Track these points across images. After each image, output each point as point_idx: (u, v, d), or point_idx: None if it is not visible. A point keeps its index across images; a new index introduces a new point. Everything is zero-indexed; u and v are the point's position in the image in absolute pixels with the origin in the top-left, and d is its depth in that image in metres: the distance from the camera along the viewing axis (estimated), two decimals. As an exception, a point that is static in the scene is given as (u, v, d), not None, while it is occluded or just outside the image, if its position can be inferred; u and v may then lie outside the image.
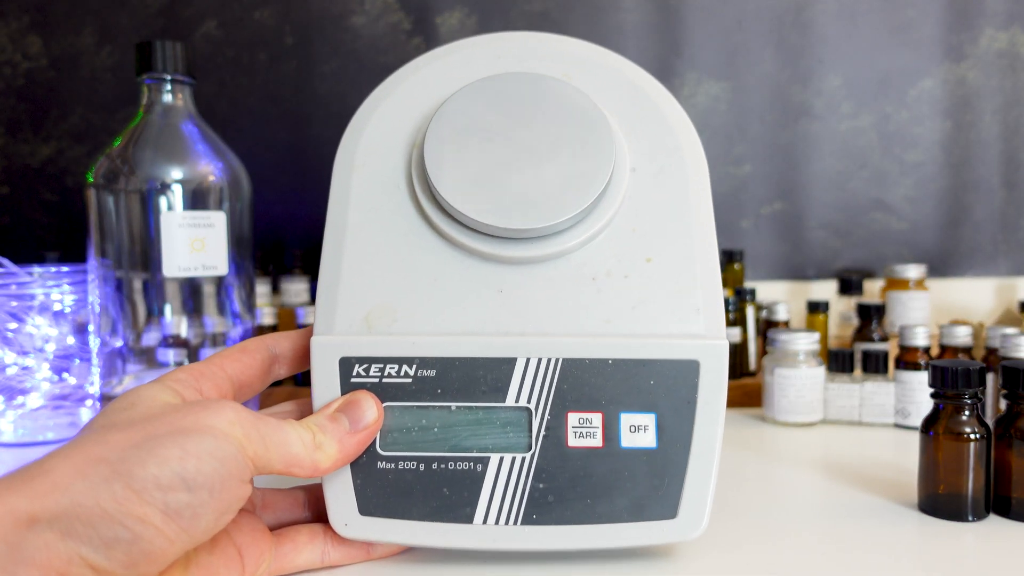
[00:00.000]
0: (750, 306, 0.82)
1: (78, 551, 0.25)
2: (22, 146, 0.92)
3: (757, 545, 0.41)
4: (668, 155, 0.40)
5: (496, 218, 0.35)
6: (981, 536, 0.42)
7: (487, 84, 0.39)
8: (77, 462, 0.27)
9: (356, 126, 0.40)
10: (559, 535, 0.35)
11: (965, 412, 0.44)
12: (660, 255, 0.38)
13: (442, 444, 0.36)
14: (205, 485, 0.28)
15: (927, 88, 0.96)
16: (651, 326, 0.37)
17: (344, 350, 0.36)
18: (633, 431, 0.36)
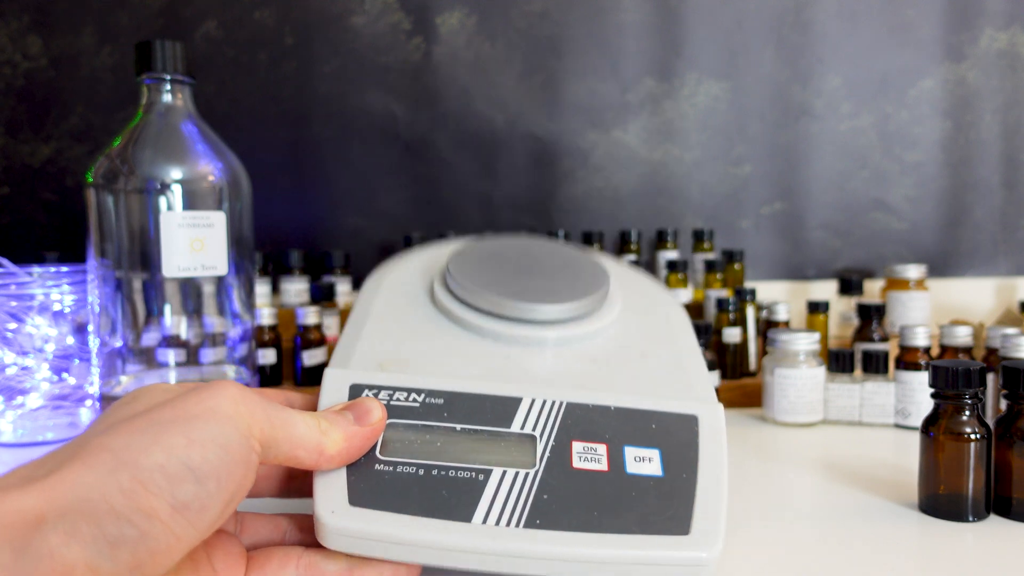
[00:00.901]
0: (750, 306, 0.82)
1: (83, 557, 0.24)
2: (22, 146, 0.92)
3: (757, 545, 0.41)
4: (652, 300, 0.47)
5: (508, 305, 0.40)
6: (982, 537, 0.42)
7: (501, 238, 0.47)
8: (82, 455, 0.26)
9: (382, 271, 0.46)
10: (565, 541, 0.34)
11: (965, 412, 0.44)
12: (653, 353, 0.42)
13: (444, 456, 0.36)
14: (212, 474, 0.27)
15: (927, 88, 0.96)
16: (651, 390, 0.40)
17: (355, 378, 0.38)
18: (638, 461, 0.37)
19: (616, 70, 0.96)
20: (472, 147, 0.96)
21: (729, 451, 0.59)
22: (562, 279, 0.43)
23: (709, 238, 0.92)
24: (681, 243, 0.95)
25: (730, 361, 0.77)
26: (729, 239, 0.97)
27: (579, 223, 0.96)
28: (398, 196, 0.95)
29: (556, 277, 0.44)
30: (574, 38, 0.95)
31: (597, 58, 0.96)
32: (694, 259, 0.91)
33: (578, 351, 0.41)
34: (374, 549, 0.34)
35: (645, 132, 0.96)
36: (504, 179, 0.96)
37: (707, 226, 0.95)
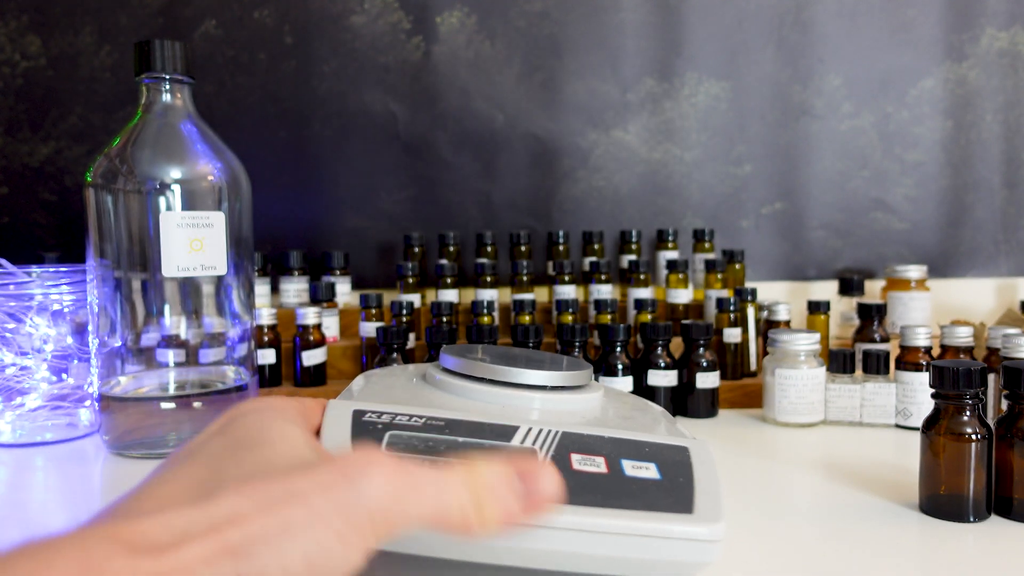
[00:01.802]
0: (750, 306, 0.82)
1: None
2: (21, 146, 0.92)
3: (757, 545, 0.41)
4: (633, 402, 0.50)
5: (501, 371, 0.42)
6: (982, 537, 0.42)
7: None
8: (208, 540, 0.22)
9: (364, 374, 0.48)
10: (571, 513, 0.33)
11: (966, 413, 0.44)
12: (639, 417, 0.44)
13: (447, 455, 0.36)
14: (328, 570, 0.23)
15: (928, 88, 0.96)
16: (642, 433, 0.41)
17: (358, 406, 0.39)
18: (636, 468, 0.37)
19: (616, 70, 0.96)
20: (472, 147, 0.95)
21: (729, 451, 0.59)
22: (549, 361, 0.47)
23: (709, 238, 0.92)
24: (681, 243, 0.95)
25: (730, 361, 0.77)
26: (729, 239, 0.97)
27: (579, 223, 0.96)
28: (398, 196, 0.95)
29: (544, 359, 0.47)
30: (574, 38, 0.95)
31: (597, 58, 0.96)
32: (694, 259, 0.91)
33: (568, 410, 0.43)
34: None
35: (645, 132, 0.96)
36: (504, 179, 0.96)
37: (707, 226, 0.95)
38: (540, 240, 0.94)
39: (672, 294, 0.81)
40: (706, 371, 0.70)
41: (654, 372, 0.69)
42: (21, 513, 0.48)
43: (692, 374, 0.70)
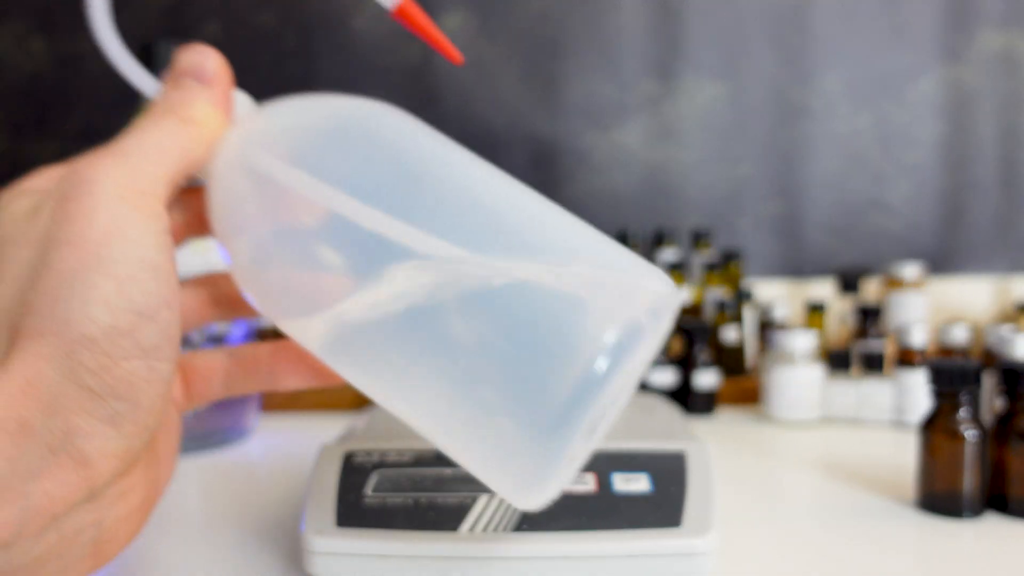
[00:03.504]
0: (748, 306, 0.82)
1: (92, 447, 0.23)
2: (26, 147, 0.92)
3: (755, 544, 0.41)
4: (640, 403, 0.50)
5: None
6: (978, 533, 0.42)
7: None
8: (22, 343, 0.23)
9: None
10: (554, 540, 0.34)
11: (962, 411, 0.44)
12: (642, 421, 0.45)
13: (433, 490, 0.37)
14: (160, 303, 0.25)
15: (925, 89, 0.97)
16: (638, 435, 0.41)
17: (351, 447, 0.40)
18: (626, 482, 0.37)
19: (616, 70, 0.96)
20: (472, 148, 0.95)
21: (727, 450, 0.59)
22: None
23: (708, 238, 0.92)
24: (680, 243, 0.95)
25: (728, 360, 0.77)
26: (728, 238, 0.97)
27: (579, 223, 0.96)
28: (399, 196, 0.95)
29: None
30: (574, 39, 0.96)
31: (597, 59, 0.96)
32: (693, 259, 0.92)
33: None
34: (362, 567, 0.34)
35: (645, 132, 0.97)
36: (504, 179, 0.96)
37: (706, 226, 0.96)
38: (540, 240, 0.94)
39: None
40: (704, 370, 0.70)
41: (653, 371, 0.70)
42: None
43: (690, 373, 0.70)
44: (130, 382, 0.24)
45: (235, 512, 0.46)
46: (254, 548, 0.40)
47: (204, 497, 0.50)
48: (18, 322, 0.24)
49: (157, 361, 0.25)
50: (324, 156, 0.27)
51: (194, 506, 0.48)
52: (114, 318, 0.23)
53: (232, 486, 0.51)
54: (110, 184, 0.25)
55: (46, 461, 0.23)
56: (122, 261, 0.24)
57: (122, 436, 0.24)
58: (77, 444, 0.23)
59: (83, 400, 0.23)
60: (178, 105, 0.28)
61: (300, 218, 0.27)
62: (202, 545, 0.41)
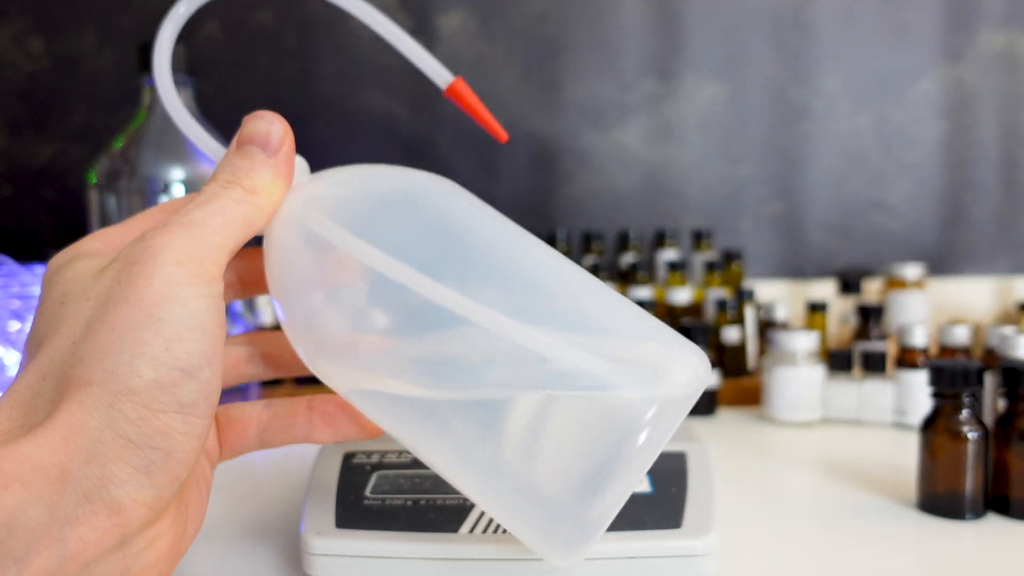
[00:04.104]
0: (749, 306, 0.82)
1: (125, 494, 0.24)
2: (24, 147, 0.92)
3: (756, 544, 0.41)
4: None
5: None
6: (980, 535, 0.42)
7: None
8: (70, 394, 0.25)
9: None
10: None
11: (964, 411, 0.44)
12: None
13: (432, 491, 0.37)
14: (202, 362, 0.26)
15: (925, 89, 0.97)
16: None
17: (350, 448, 0.40)
18: None
19: (616, 70, 0.96)
20: (472, 148, 0.96)
21: (728, 450, 0.59)
22: None
23: (708, 238, 0.92)
24: (681, 243, 0.95)
25: (729, 361, 0.77)
26: (729, 239, 0.97)
27: (579, 223, 0.96)
28: (399, 196, 0.95)
29: None
30: (574, 39, 0.96)
31: (597, 59, 0.96)
32: (694, 259, 0.92)
33: None
34: (362, 568, 0.34)
35: (645, 132, 0.97)
36: (504, 179, 0.96)
37: (706, 226, 0.95)
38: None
39: (671, 294, 0.82)
40: (706, 370, 0.70)
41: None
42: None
43: (692, 373, 0.70)
44: (166, 433, 0.25)
45: (235, 513, 0.46)
46: (253, 549, 0.40)
47: (203, 498, 0.50)
48: (69, 373, 0.25)
49: (194, 416, 0.26)
50: (377, 223, 0.29)
51: (193, 507, 0.48)
52: (158, 373, 0.25)
53: (232, 486, 0.51)
54: (172, 251, 0.26)
55: (82, 508, 0.24)
56: (172, 321, 0.26)
57: (154, 485, 0.25)
58: (112, 491, 0.24)
59: (120, 448, 0.24)
60: (243, 175, 0.29)
61: (351, 279, 0.28)
62: (202, 546, 0.41)
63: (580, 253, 0.93)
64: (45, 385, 0.26)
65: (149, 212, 0.32)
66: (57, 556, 0.23)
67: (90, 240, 0.30)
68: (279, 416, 0.34)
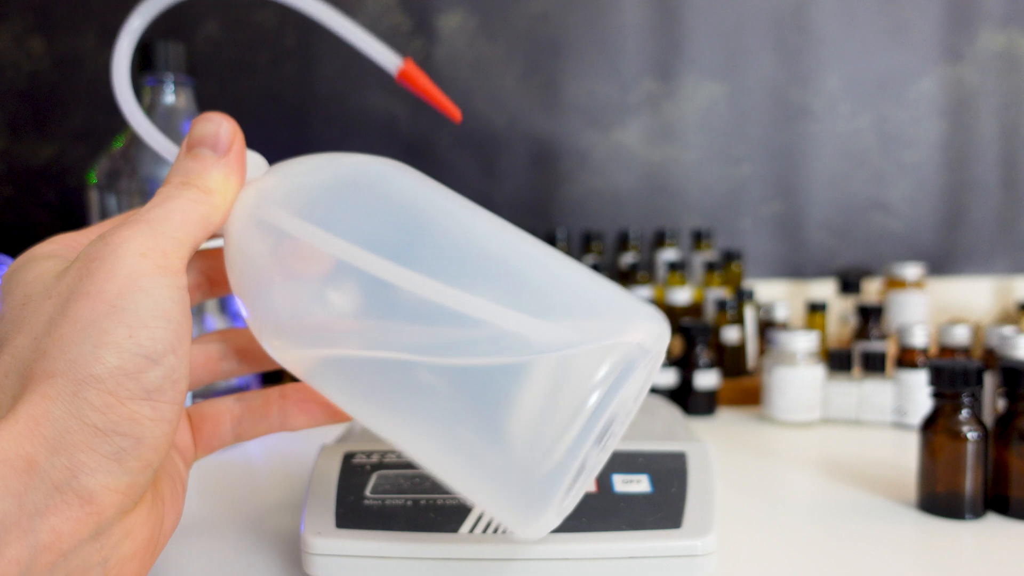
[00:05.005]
0: (749, 306, 0.82)
1: (96, 482, 0.24)
2: (25, 147, 0.92)
3: (756, 545, 0.41)
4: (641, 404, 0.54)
5: None
6: (979, 534, 0.42)
7: None
8: (33, 386, 0.25)
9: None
10: (553, 542, 0.34)
11: (963, 411, 0.44)
12: (643, 423, 0.45)
13: (433, 491, 0.37)
14: (167, 348, 0.26)
15: (925, 89, 0.97)
16: (640, 436, 0.42)
17: (350, 448, 0.41)
18: (627, 483, 0.37)
19: (616, 70, 0.96)
20: (472, 147, 0.96)
21: (728, 450, 0.59)
22: None
23: (708, 238, 0.92)
24: (681, 243, 0.95)
25: (729, 361, 0.77)
26: (728, 239, 0.97)
27: (579, 223, 0.96)
28: (399, 196, 0.95)
29: None
30: (574, 39, 0.96)
31: (597, 58, 0.96)
32: (693, 259, 0.92)
33: None
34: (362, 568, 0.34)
35: (645, 132, 0.97)
36: (504, 179, 0.96)
37: (706, 226, 0.95)
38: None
39: (671, 294, 0.82)
40: (705, 370, 0.70)
41: (654, 371, 0.70)
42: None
43: (691, 373, 0.70)
44: (134, 420, 0.25)
45: (235, 513, 0.46)
46: (253, 549, 0.40)
47: (204, 497, 0.50)
48: (32, 367, 0.25)
49: (162, 403, 0.26)
50: (328, 207, 0.29)
51: (194, 506, 0.48)
52: (122, 360, 0.25)
53: (232, 487, 0.51)
54: (134, 244, 0.27)
55: (52, 498, 0.24)
56: (135, 310, 0.26)
57: (125, 472, 0.25)
58: (82, 480, 0.24)
59: (88, 437, 0.24)
60: (195, 176, 0.30)
61: (309, 266, 0.29)
62: (202, 546, 0.41)
63: (580, 253, 0.93)
64: (7, 382, 0.26)
65: (106, 221, 0.33)
66: (28, 547, 0.23)
67: (48, 243, 0.30)
68: (253, 408, 0.35)
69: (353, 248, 0.28)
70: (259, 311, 0.30)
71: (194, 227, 0.29)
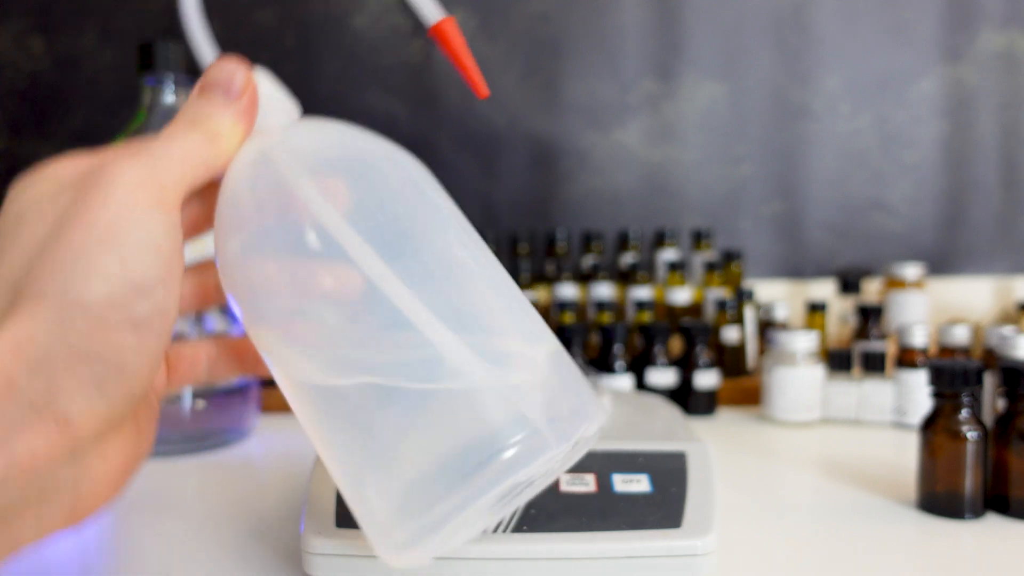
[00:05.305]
0: (749, 306, 0.82)
1: (74, 406, 0.24)
2: (25, 147, 0.92)
3: (755, 544, 0.41)
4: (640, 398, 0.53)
5: None
6: (979, 534, 0.42)
7: None
8: (20, 304, 0.25)
9: None
10: (553, 542, 0.34)
11: (963, 411, 0.44)
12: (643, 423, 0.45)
13: None
14: (157, 281, 0.26)
15: (925, 89, 0.97)
16: (641, 435, 0.42)
17: None
18: (627, 483, 0.37)
19: (616, 70, 0.96)
20: (472, 147, 0.96)
21: (728, 450, 0.59)
22: None
23: (708, 238, 0.92)
24: (680, 243, 0.95)
25: (729, 360, 0.77)
26: (728, 239, 0.97)
27: (579, 223, 0.96)
28: (399, 196, 0.95)
29: None
30: (574, 39, 0.96)
31: (597, 58, 0.96)
32: (693, 259, 0.92)
33: None
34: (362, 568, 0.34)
35: (645, 132, 0.97)
36: (504, 179, 0.96)
37: (706, 226, 0.95)
38: (540, 240, 0.94)
39: (671, 294, 0.82)
40: (705, 370, 0.70)
41: (653, 371, 0.70)
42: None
43: (691, 373, 0.70)
44: (118, 349, 0.25)
45: (234, 512, 0.46)
46: (253, 549, 0.40)
47: (204, 497, 0.50)
48: (20, 288, 0.25)
49: (147, 334, 0.26)
50: (332, 177, 0.29)
51: (194, 506, 0.48)
52: (111, 289, 0.25)
53: (232, 486, 0.51)
54: (131, 175, 0.27)
55: (29, 417, 0.24)
56: (127, 241, 0.26)
57: (104, 398, 0.25)
58: (60, 403, 0.24)
59: (70, 361, 0.24)
60: (204, 118, 0.30)
61: (295, 225, 0.28)
62: (202, 545, 0.41)
63: (580, 253, 0.93)
64: None
65: (112, 147, 0.32)
66: (3, 462, 0.23)
67: (55, 164, 0.30)
68: (230, 350, 0.35)
69: (339, 221, 0.28)
70: (230, 253, 0.30)
71: (194, 167, 0.28)
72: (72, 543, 0.43)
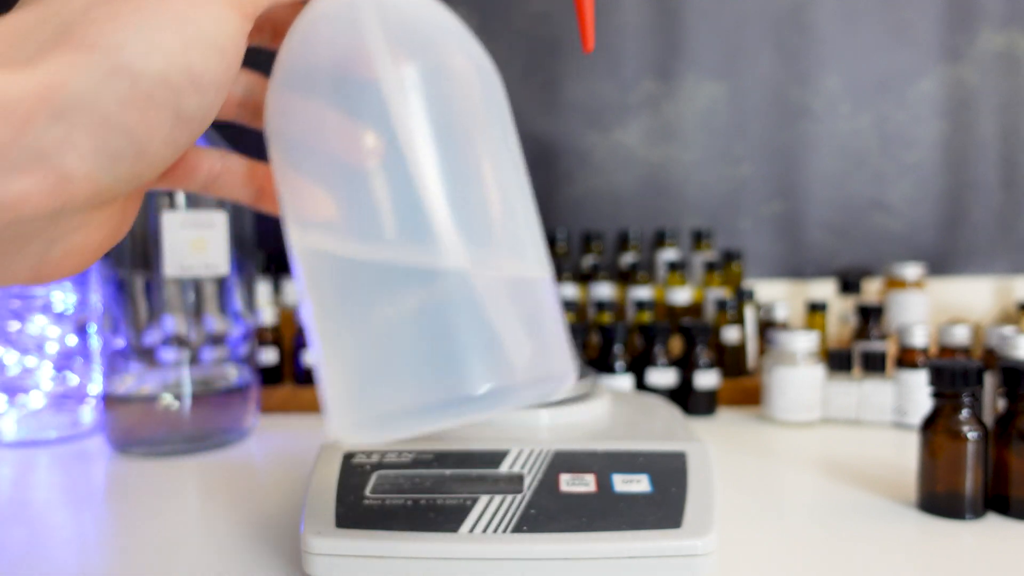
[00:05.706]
0: (749, 306, 0.82)
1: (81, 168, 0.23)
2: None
3: (755, 544, 0.41)
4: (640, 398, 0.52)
5: None
6: (979, 534, 0.42)
7: None
8: (68, 45, 0.23)
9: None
10: (555, 541, 0.34)
11: (964, 411, 0.44)
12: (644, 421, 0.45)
13: (433, 491, 0.37)
14: (213, 83, 0.25)
15: (925, 89, 0.97)
16: (641, 436, 0.42)
17: (349, 448, 0.40)
18: (627, 483, 0.37)
19: (616, 70, 0.96)
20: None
21: (728, 450, 0.59)
22: None
23: (708, 238, 0.92)
24: (681, 243, 0.95)
25: (729, 360, 0.77)
26: (728, 239, 0.97)
27: (579, 223, 0.96)
28: (398, 196, 0.95)
29: None
30: (574, 39, 0.96)
31: (597, 59, 0.96)
32: (693, 259, 0.92)
33: (570, 423, 0.43)
34: (362, 568, 0.34)
35: (645, 132, 0.97)
36: (504, 179, 0.96)
37: (706, 226, 0.95)
38: (540, 240, 0.94)
39: (671, 294, 0.82)
40: (705, 370, 0.70)
41: (653, 371, 0.70)
42: (25, 512, 0.49)
43: (691, 373, 0.70)
44: (149, 131, 0.24)
45: (235, 512, 0.46)
46: (253, 549, 0.40)
47: (204, 497, 0.50)
48: (74, 28, 0.23)
49: (182, 130, 0.25)
50: (410, 50, 0.28)
51: (194, 506, 0.48)
52: (168, 70, 0.24)
53: (232, 486, 0.51)
54: None
55: (31, 163, 0.22)
56: (198, 32, 0.24)
57: (113, 172, 0.24)
58: (67, 159, 0.23)
59: (96, 124, 0.23)
60: None
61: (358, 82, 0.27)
62: (202, 545, 0.41)
63: (580, 253, 0.93)
64: (42, 30, 0.24)
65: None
66: None
67: None
68: (233, 171, 0.34)
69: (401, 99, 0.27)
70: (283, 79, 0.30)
71: None
72: (72, 543, 0.43)
